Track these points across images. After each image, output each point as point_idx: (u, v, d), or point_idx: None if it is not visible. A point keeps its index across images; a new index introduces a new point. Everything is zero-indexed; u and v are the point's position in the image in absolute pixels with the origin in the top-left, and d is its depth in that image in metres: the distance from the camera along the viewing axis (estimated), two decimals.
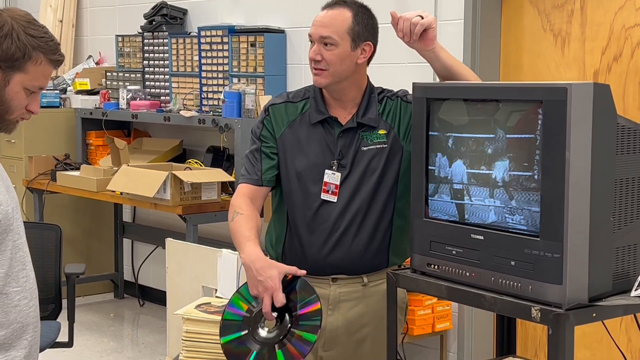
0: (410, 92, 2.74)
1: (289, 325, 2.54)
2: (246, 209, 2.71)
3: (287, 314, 2.55)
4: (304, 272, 2.57)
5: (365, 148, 2.73)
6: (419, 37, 2.63)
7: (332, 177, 2.72)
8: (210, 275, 4.45)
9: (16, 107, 2.11)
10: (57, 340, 4.13)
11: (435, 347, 4.65)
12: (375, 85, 2.84)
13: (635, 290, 2.32)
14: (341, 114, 2.76)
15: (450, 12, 4.41)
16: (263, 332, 2.58)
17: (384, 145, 2.74)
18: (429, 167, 2.53)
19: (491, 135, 2.36)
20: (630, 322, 3.40)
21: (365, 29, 2.72)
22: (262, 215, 3.02)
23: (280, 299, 2.49)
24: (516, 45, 4.34)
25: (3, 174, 2.20)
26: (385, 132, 2.75)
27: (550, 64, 4.21)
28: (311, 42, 2.72)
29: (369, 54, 2.76)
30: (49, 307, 4.24)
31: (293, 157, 2.75)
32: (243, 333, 2.59)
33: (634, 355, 3.60)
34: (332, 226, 2.73)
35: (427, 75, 4.29)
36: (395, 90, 2.84)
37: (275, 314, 2.54)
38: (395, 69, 4.63)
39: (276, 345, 2.54)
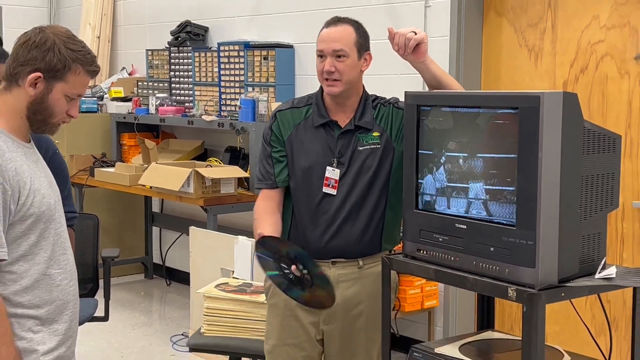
0: (402, 99, 2.73)
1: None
2: (260, 213, 2.77)
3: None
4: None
5: (361, 148, 2.72)
6: (412, 51, 2.62)
7: (332, 173, 2.72)
8: (228, 259, 4.45)
9: (58, 112, 2.11)
10: (95, 315, 4.13)
11: (423, 322, 4.64)
12: (371, 93, 2.83)
13: (599, 272, 2.32)
14: (340, 118, 2.76)
15: (438, 30, 4.39)
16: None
17: (378, 146, 2.73)
18: (419, 165, 2.52)
19: (474, 138, 2.35)
20: (594, 301, 3.39)
21: (365, 40, 2.74)
22: None
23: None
24: (495, 59, 4.33)
25: (47, 172, 2.20)
26: (379, 134, 2.74)
27: (525, 75, 4.20)
28: (321, 57, 2.70)
29: (370, 62, 2.75)
30: (88, 286, 4.24)
31: (298, 156, 2.75)
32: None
33: (597, 330, 3.58)
34: (333, 216, 2.72)
35: (417, 84, 4.29)
36: (387, 97, 2.83)
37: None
38: (390, 79, 4.62)
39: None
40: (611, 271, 2.31)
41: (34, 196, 2.06)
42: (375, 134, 2.74)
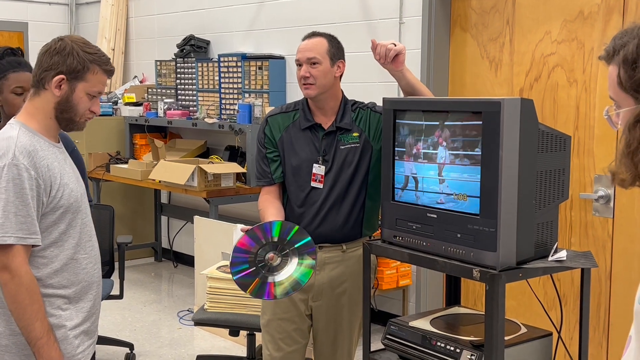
0: (378, 104, 2.73)
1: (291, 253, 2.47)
2: (263, 203, 2.75)
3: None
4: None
5: (342, 147, 2.72)
6: (391, 60, 2.62)
7: (318, 169, 2.71)
8: (228, 244, 4.44)
9: (82, 109, 2.09)
10: (111, 293, 4.12)
11: (399, 298, 4.65)
12: (351, 98, 2.82)
13: (552, 256, 2.32)
14: (324, 121, 2.75)
15: (411, 43, 4.38)
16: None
17: (357, 145, 2.72)
18: (395, 162, 2.51)
19: (443, 139, 2.34)
20: (546, 279, 3.40)
21: (338, 50, 2.73)
22: None
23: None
24: (460, 68, 4.33)
25: (74, 168, 2.19)
26: (358, 134, 2.73)
27: (487, 83, 4.20)
28: (299, 65, 2.70)
29: (343, 69, 2.75)
30: (105, 269, 4.22)
31: (289, 155, 2.74)
32: (251, 269, 2.46)
33: (549, 304, 3.60)
34: (319, 206, 2.71)
35: (392, 91, 4.29)
36: (365, 102, 2.82)
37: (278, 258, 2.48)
38: (368, 86, 4.62)
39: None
40: (562, 255, 2.32)
41: (63, 190, 2.05)
42: (355, 134, 2.73)
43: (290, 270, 2.49)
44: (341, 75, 2.77)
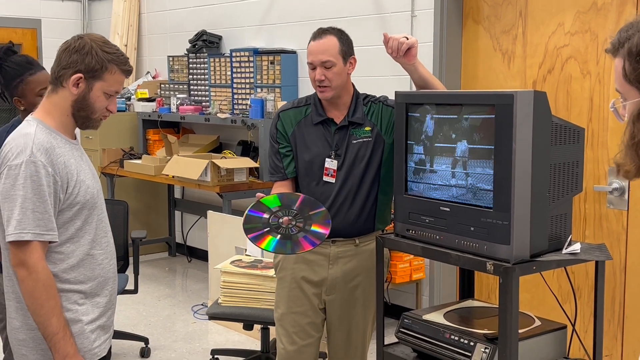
0: (390, 97, 2.72)
1: (303, 223, 2.51)
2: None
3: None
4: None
5: (354, 141, 2.71)
6: (404, 54, 2.61)
7: (331, 163, 2.71)
8: (241, 239, 4.45)
9: (98, 108, 2.10)
10: (126, 288, 4.14)
11: (412, 292, 4.65)
12: (364, 92, 2.82)
13: (566, 248, 2.31)
14: (336, 115, 2.74)
15: (423, 36, 4.37)
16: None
17: (369, 139, 2.71)
18: (408, 156, 2.51)
19: (456, 132, 2.34)
20: (560, 272, 3.39)
21: (348, 47, 2.71)
22: None
23: None
24: (473, 61, 4.31)
25: (90, 165, 2.20)
26: (370, 128, 2.73)
27: (499, 75, 4.18)
28: (312, 68, 2.68)
29: (355, 65, 2.74)
30: (119, 264, 4.24)
31: (301, 150, 2.74)
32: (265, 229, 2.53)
33: (563, 297, 3.58)
34: (332, 201, 2.71)
35: (404, 85, 4.28)
36: (377, 96, 2.81)
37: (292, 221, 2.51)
38: (380, 80, 4.61)
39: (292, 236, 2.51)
40: (576, 247, 2.31)
41: (80, 187, 2.06)
42: (367, 128, 2.73)
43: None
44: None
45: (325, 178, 2.71)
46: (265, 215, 2.51)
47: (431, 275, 4.48)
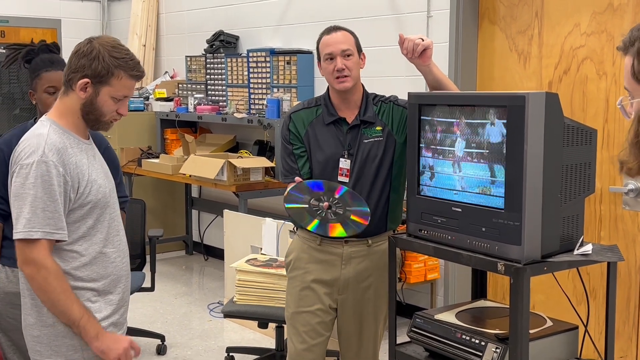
0: (401, 97, 2.74)
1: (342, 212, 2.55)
2: None
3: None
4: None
5: (366, 141, 2.73)
6: (419, 55, 2.62)
7: (344, 163, 2.73)
8: (257, 237, 4.48)
9: (107, 112, 2.12)
10: (142, 286, 4.18)
11: (426, 292, 4.65)
12: (379, 93, 2.84)
13: (577, 249, 2.31)
14: (347, 115, 2.76)
15: (439, 36, 4.38)
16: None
17: (380, 139, 2.73)
18: (421, 157, 2.53)
19: (469, 133, 2.35)
20: (575, 274, 3.39)
21: (359, 43, 2.76)
22: None
23: None
24: (489, 62, 4.31)
25: (103, 164, 2.23)
26: (381, 128, 2.74)
27: (515, 76, 4.18)
28: (330, 59, 2.70)
29: (365, 61, 2.79)
30: (136, 261, 4.29)
31: (315, 151, 2.75)
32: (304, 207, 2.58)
33: (578, 298, 3.58)
34: None
35: (419, 86, 4.29)
36: (386, 95, 2.83)
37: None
38: (395, 80, 4.62)
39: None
40: (588, 248, 2.31)
41: (92, 186, 2.09)
42: (378, 128, 2.74)
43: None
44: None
45: (339, 178, 2.73)
46: (307, 197, 2.55)
47: (446, 275, 4.48)
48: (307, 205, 2.56)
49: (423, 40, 2.60)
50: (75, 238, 2.08)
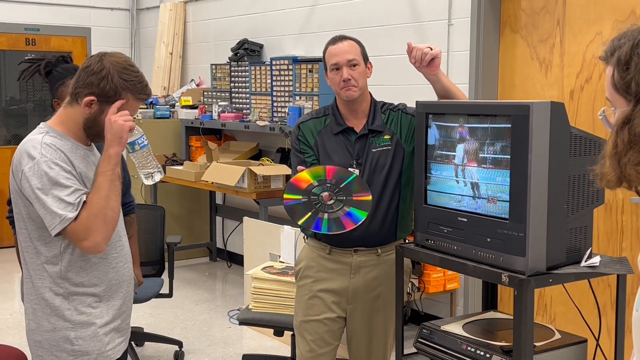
0: (409, 105, 2.74)
1: (343, 203, 2.53)
2: None
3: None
4: None
5: (374, 150, 2.72)
6: (427, 64, 2.62)
7: None
8: (275, 245, 4.50)
9: None
10: (160, 292, 4.21)
11: (446, 302, 4.62)
12: (386, 101, 2.83)
13: (585, 261, 2.28)
14: (355, 124, 2.76)
15: (460, 45, 4.36)
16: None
17: (389, 147, 2.72)
18: (428, 166, 2.52)
19: (474, 142, 2.34)
20: (595, 285, 3.34)
21: (365, 52, 2.76)
22: None
23: None
24: (510, 70, 4.28)
25: None
26: (389, 137, 2.73)
27: (537, 84, 4.14)
28: (336, 69, 2.70)
29: (372, 70, 2.78)
30: (155, 267, 4.33)
31: (324, 161, 2.74)
32: (303, 199, 2.55)
33: (595, 311, 3.52)
34: None
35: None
36: (395, 103, 2.82)
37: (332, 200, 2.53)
38: (414, 89, 4.60)
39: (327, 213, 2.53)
40: (595, 260, 2.28)
41: (90, 188, 2.11)
42: (387, 136, 2.73)
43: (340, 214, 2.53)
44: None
45: None
46: (308, 187, 2.54)
47: (465, 285, 4.45)
48: (306, 198, 2.53)
49: (431, 49, 2.59)
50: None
